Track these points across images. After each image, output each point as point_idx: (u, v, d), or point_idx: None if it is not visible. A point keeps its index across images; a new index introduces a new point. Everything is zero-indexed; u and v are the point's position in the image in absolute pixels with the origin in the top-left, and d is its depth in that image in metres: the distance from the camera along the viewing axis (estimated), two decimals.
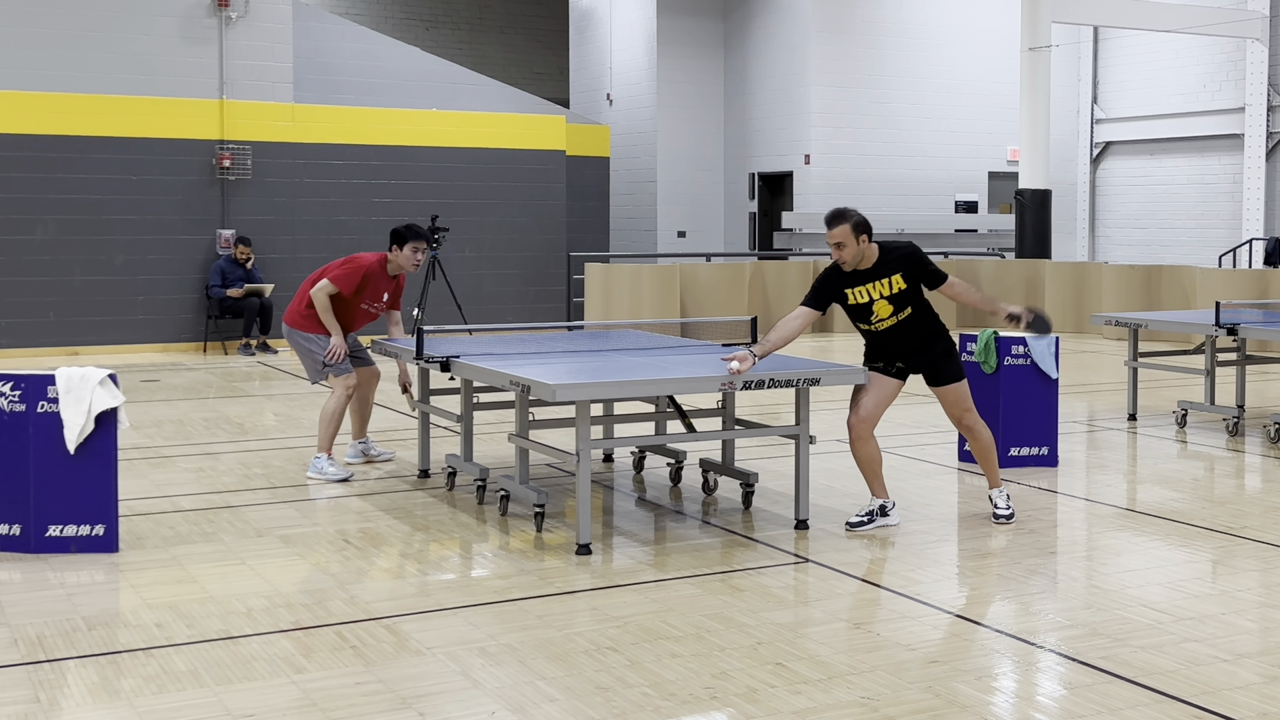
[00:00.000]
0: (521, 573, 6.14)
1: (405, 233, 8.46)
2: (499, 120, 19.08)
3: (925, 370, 6.94)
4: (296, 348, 8.55)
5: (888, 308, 6.79)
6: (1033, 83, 20.22)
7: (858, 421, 6.82)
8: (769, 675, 4.73)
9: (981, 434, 7.10)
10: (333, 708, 4.45)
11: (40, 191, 16.12)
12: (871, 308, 6.81)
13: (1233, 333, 9.72)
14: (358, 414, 8.82)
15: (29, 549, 6.35)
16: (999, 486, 7.19)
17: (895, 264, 6.77)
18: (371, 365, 8.83)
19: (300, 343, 8.49)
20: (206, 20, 16.85)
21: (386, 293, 8.55)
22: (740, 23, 24.03)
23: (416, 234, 8.48)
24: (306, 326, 8.44)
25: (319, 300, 8.32)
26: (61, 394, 6.30)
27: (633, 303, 17.53)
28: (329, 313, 8.34)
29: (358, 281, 8.35)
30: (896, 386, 6.95)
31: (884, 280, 6.76)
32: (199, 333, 16.93)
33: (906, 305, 6.81)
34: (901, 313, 6.81)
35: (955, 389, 6.96)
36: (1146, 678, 4.69)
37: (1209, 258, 22.44)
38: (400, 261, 8.47)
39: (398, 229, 8.51)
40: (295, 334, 8.50)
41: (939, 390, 6.98)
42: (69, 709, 4.48)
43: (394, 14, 29.31)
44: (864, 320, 6.88)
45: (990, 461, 7.16)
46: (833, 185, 22.59)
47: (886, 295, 6.76)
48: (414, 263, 8.48)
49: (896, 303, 6.79)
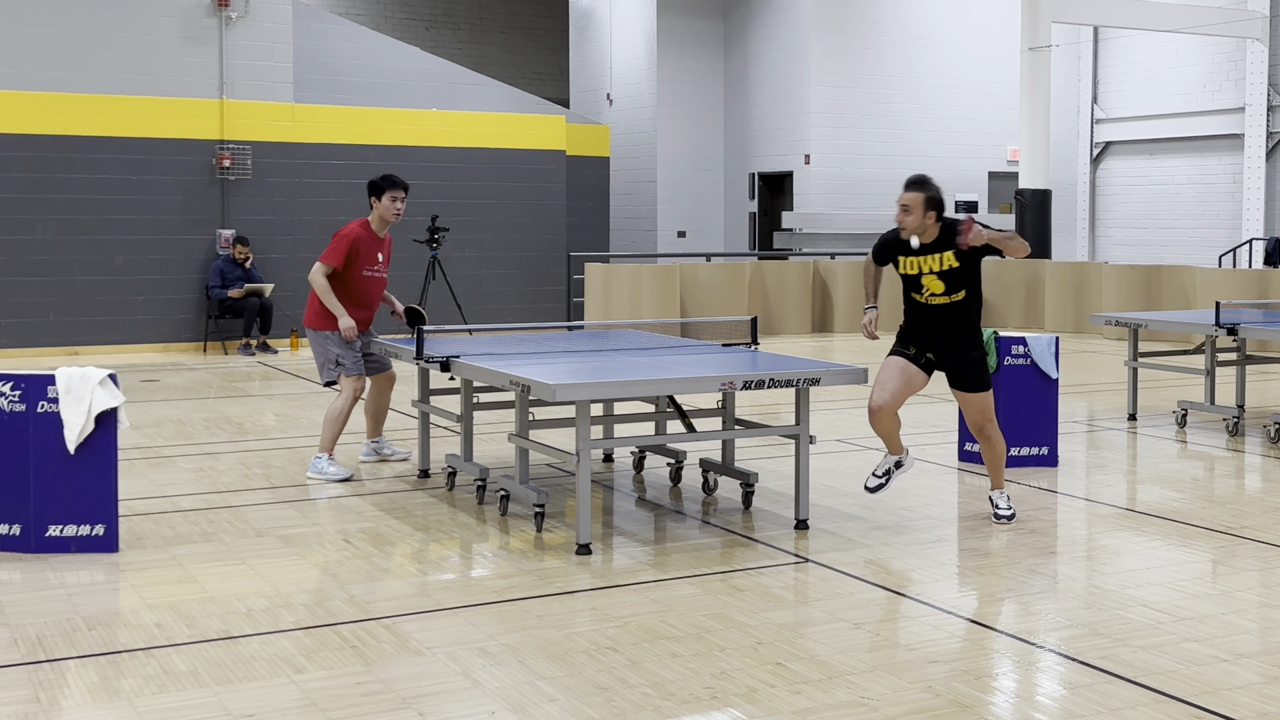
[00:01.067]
0: (521, 573, 6.14)
1: (381, 182, 8.40)
2: (499, 120, 19.09)
3: (953, 371, 6.92)
4: (313, 346, 8.52)
5: (939, 284, 6.76)
6: (1033, 83, 20.23)
7: (879, 409, 6.82)
8: (769, 675, 4.73)
9: (998, 444, 7.09)
10: (333, 708, 4.45)
11: (40, 191, 16.13)
12: (921, 281, 6.79)
13: (1233, 333, 9.72)
14: (372, 415, 8.80)
15: (29, 549, 6.35)
16: (1001, 488, 7.19)
17: (951, 241, 6.74)
18: (388, 369, 8.79)
19: (316, 340, 8.45)
20: (206, 20, 16.85)
21: (380, 253, 8.51)
22: (740, 23, 24.03)
23: (393, 182, 8.42)
24: (319, 323, 8.39)
25: (317, 284, 8.26)
26: (61, 394, 6.31)
27: (633, 303, 17.53)
28: (330, 294, 8.27)
29: (345, 250, 8.28)
30: (922, 380, 6.94)
31: (937, 255, 6.74)
32: (199, 333, 16.93)
33: (960, 288, 6.77)
34: (955, 294, 6.77)
35: (981, 398, 6.95)
36: (1146, 678, 4.69)
37: (1209, 258, 22.45)
38: (381, 213, 8.41)
39: (373, 180, 8.46)
40: (311, 332, 8.47)
41: (966, 397, 6.96)
42: (69, 709, 4.48)
43: (394, 14, 29.31)
44: (915, 290, 6.85)
45: (999, 467, 7.16)
46: (833, 185, 22.60)
47: (937, 270, 6.75)
48: (395, 211, 8.41)
49: (948, 280, 6.75)
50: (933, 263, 6.75)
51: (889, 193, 22.83)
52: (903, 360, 6.90)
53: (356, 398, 8.39)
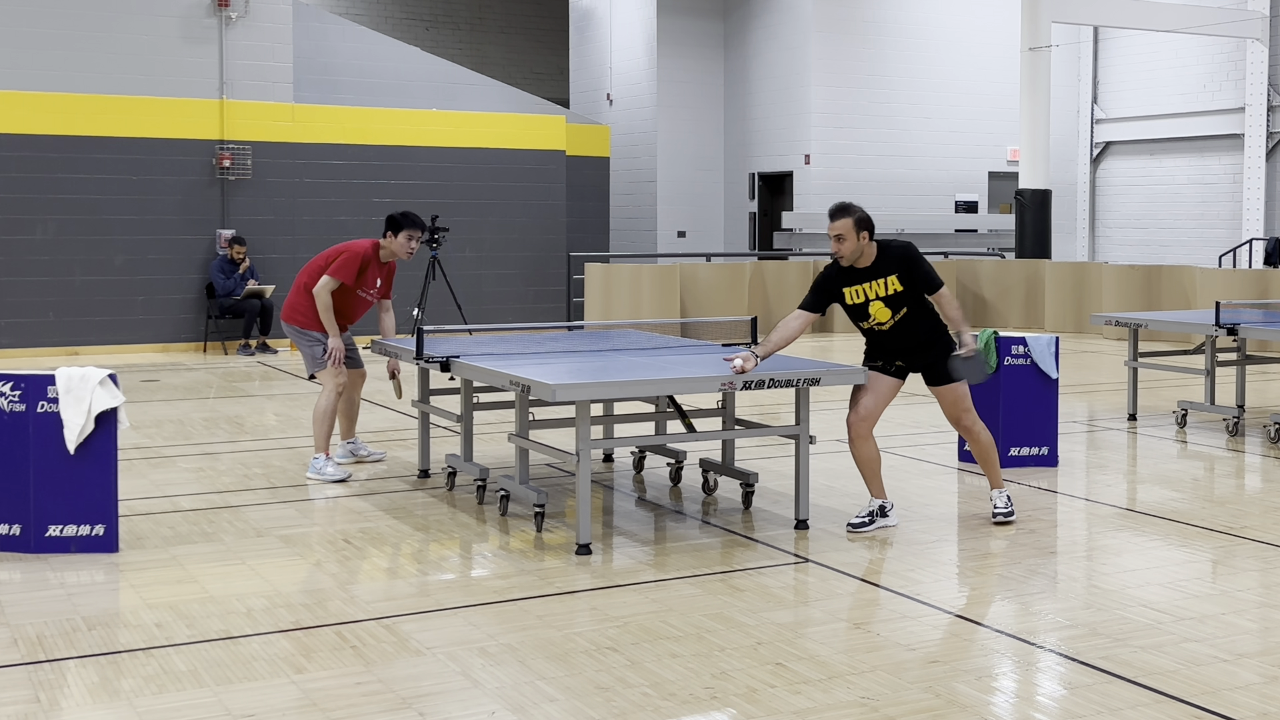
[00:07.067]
0: (521, 573, 6.14)
1: (402, 220, 8.46)
2: (499, 120, 19.08)
3: (924, 369, 6.94)
4: (295, 341, 8.58)
5: (885, 311, 6.79)
6: (1033, 83, 20.22)
7: (857, 420, 6.82)
8: (769, 675, 4.73)
9: (981, 435, 7.08)
10: (333, 708, 4.45)
11: (40, 191, 16.12)
12: (868, 309, 6.81)
13: (1233, 333, 9.72)
14: (345, 414, 8.81)
15: (29, 549, 6.35)
16: (1000, 487, 7.18)
17: (893, 265, 6.76)
18: (361, 367, 8.83)
19: (298, 337, 8.51)
20: (206, 20, 16.85)
21: (379, 279, 8.56)
22: (740, 23, 24.03)
23: (413, 222, 8.49)
24: (304, 323, 8.45)
25: (321, 299, 8.31)
26: (61, 394, 6.30)
27: (633, 303, 17.53)
28: (329, 311, 8.33)
29: (357, 268, 8.35)
30: (896, 386, 6.95)
31: (880, 280, 6.76)
32: (199, 333, 16.93)
33: (903, 306, 6.80)
34: (898, 314, 6.81)
35: (954, 389, 6.95)
36: (1146, 678, 4.69)
37: (1209, 258, 22.44)
38: (394, 248, 8.47)
39: (394, 216, 8.52)
40: (293, 330, 8.51)
41: (937, 390, 6.98)
42: (69, 709, 4.48)
43: (394, 14, 29.31)
44: (862, 319, 6.89)
45: (991, 462, 7.15)
46: (833, 185, 22.58)
47: (883, 296, 6.76)
48: (408, 250, 8.49)
49: (893, 304, 6.79)
50: (878, 288, 6.76)
51: (889, 193, 22.99)
52: (873, 373, 6.92)
53: (339, 392, 8.44)
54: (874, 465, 6.92)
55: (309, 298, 8.40)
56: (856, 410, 6.84)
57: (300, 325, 8.47)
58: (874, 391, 6.87)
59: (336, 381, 8.41)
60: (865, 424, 6.83)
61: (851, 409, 6.86)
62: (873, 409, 6.86)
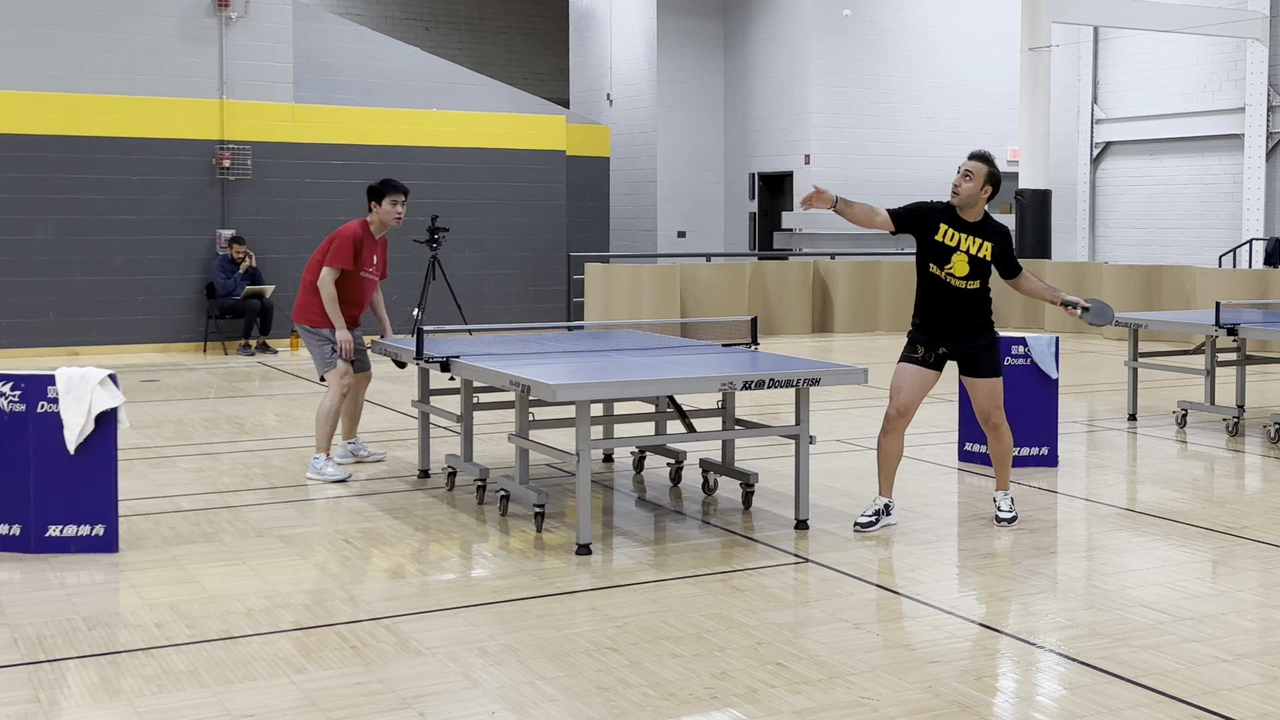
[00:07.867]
0: (521, 573, 6.14)
1: (382, 187, 8.46)
2: (499, 120, 19.08)
3: (965, 359, 6.95)
4: (305, 341, 8.57)
5: (965, 267, 6.80)
6: (1033, 83, 20.22)
7: (897, 416, 6.88)
8: (769, 675, 4.73)
9: (1005, 435, 7.11)
10: (333, 708, 4.45)
11: (40, 191, 16.12)
12: (952, 256, 6.80)
13: (1233, 333, 9.72)
14: (348, 415, 8.81)
15: (29, 549, 6.35)
16: (1006, 489, 7.18)
17: (992, 234, 6.85)
18: (368, 369, 8.81)
19: (309, 337, 8.50)
20: (206, 20, 16.85)
21: (375, 255, 8.55)
22: (740, 23, 24.03)
23: (393, 187, 8.48)
24: (315, 321, 8.44)
25: (326, 291, 8.30)
26: (61, 394, 6.30)
27: (633, 303, 17.53)
28: (334, 304, 8.32)
29: (351, 250, 8.34)
30: (934, 378, 6.98)
31: (976, 240, 6.81)
32: (199, 333, 16.93)
33: (979, 276, 6.84)
34: (972, 281, 6.83)
35: (991, 384, 6.98)
36: (1146, 678, 4.69)
37: (1209, 258, 22.44)
38: (381, 218, 8.46)
39: (373, 185, 8.53)
40: (304, 329, 8.50)
41: (974, 382, 6.99)
42: (69, 709, 4.48)
43: (394, 14, 29.30)
44: (941, 263, 6.83)
45: (1005, 464, 7.17)
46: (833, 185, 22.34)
47: (972, 254, 6.79)
48: (395, 215, 8.47)
49: (975, 267, 6.81)
50: (971, 244, 6.81)
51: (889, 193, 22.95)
52: (913, 366, 6.93)
53: (344, 393, 8.43)
54: (894, 462, 6.97)
55: (316, 295, 8.39)
56: (897, 405, 6.88)
57: (311, 324, 8.45)
58: (915, 384, 6.91)
59: (342, 383, 8.40)
60: (903, 420, 6.91)
61: (892, 402, 6.90)
62: (913, 403, 6.92)
